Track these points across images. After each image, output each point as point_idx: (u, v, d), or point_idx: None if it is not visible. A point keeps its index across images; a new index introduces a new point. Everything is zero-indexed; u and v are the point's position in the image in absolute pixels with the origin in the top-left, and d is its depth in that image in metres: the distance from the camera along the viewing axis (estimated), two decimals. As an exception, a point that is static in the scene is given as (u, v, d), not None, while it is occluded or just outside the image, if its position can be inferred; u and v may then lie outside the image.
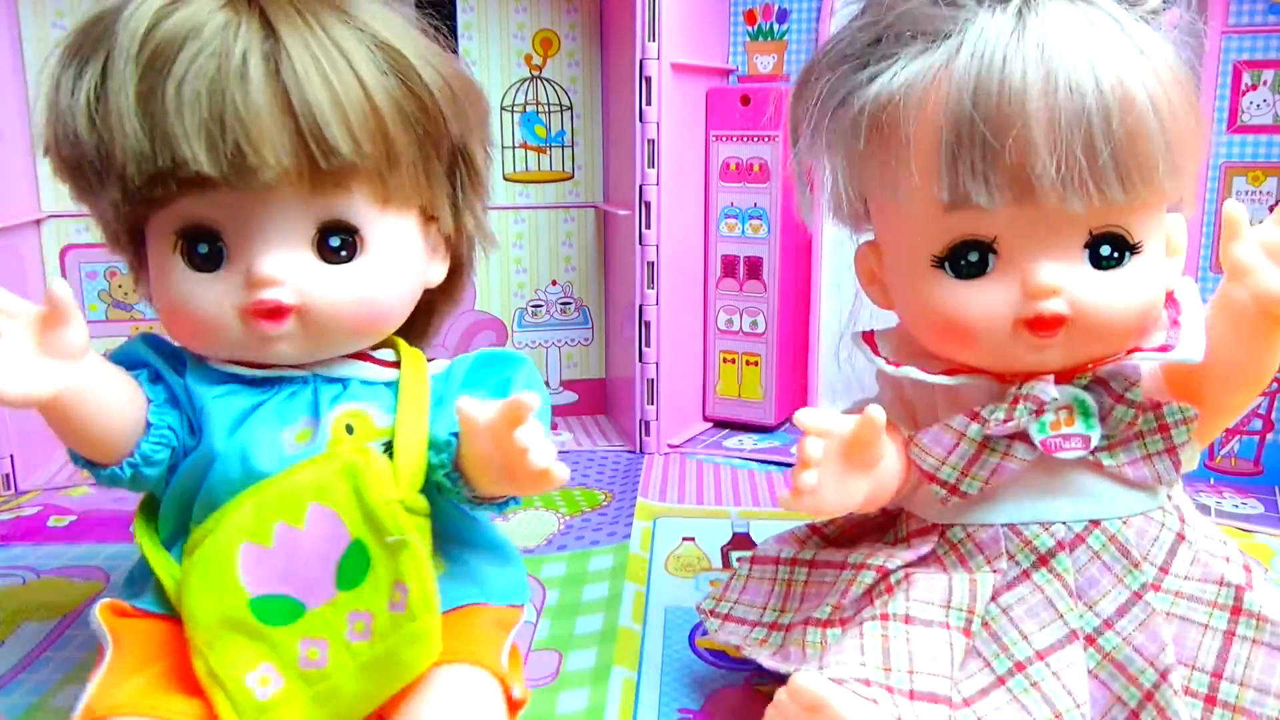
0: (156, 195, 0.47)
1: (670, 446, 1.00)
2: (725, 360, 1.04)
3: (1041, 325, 0.48)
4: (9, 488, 0.88)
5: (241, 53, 0.46)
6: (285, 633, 0.47)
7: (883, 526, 0.58)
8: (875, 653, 0.48)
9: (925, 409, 0.54)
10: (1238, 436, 0.89)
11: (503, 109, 1.04)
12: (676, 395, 1.00)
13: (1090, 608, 0.50)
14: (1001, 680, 0.49)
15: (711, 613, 0.59)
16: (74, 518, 0.83)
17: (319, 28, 0.48)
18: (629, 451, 1.00)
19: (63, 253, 0.95)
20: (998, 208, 0.47)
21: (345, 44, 0.48)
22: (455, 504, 0.55)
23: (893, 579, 0.52)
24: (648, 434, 0.99)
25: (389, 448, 0.51)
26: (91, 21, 0.48)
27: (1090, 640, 0.49)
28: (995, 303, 0.49)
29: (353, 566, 0.48)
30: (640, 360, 0.98)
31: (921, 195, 0.48)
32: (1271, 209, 0.84)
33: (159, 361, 0.52)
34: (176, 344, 0.54)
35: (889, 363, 0.53)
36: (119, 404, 0.49)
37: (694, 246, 1.02)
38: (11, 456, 0.88)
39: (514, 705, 0.50)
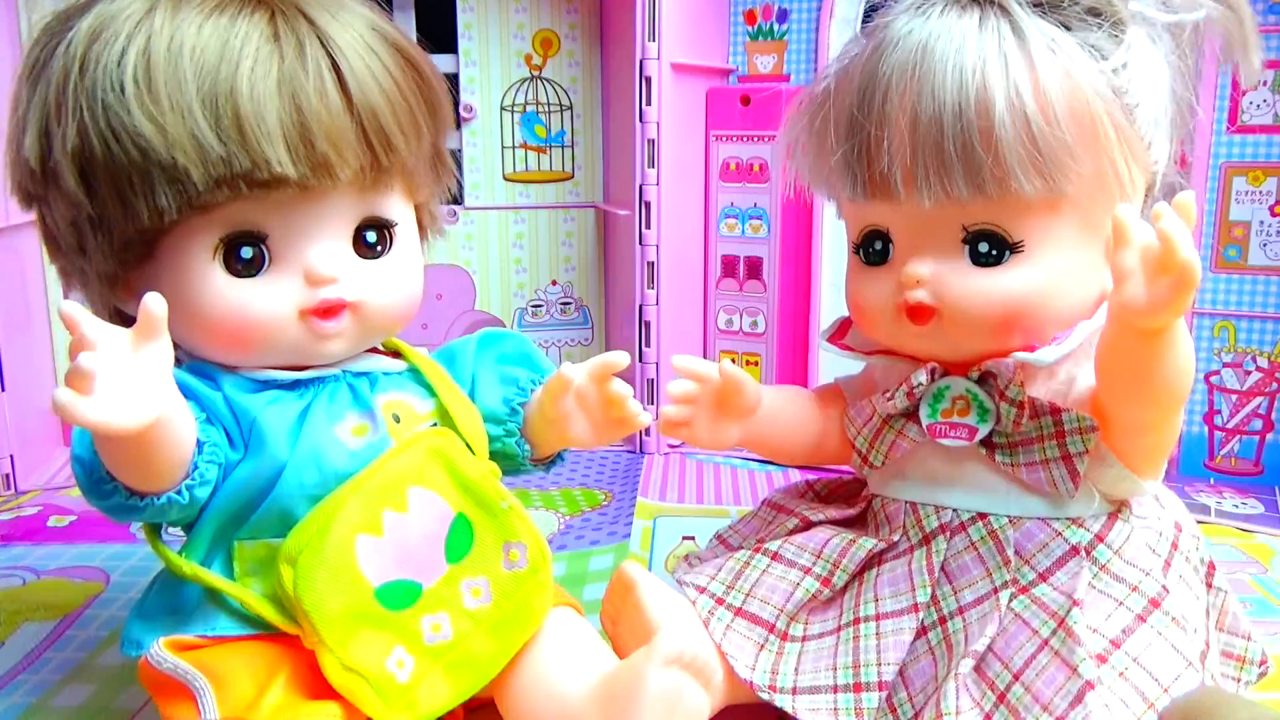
0: (218, 199, 0.46)
1: (670, 446, 1.00)
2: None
3: (912, 313, 0.51)
4: (9, 488, 0.88)
5: (310, 56, 0.46)
6: (407, 614, 0.49)
7: (856, 491, 0.61)
8: (729, 573, 0.55)
9: (884, 388, 0.57)
10: (1238, 436, 0.89)
11: (503, 109, 1.04)
12: (676, 395, 1.00)
13: (955, 593, 0.51)
14: (839, 629, 0.52)
15: (719, 539, 0.63)
16: (74, 518, 0.83)
17: (353, 29, 0.48)
18: (629, 451, 1.00)
19: (63, 253, 0.95)
20: (864, 202, 0.51)
21: (375, 45, 0.49)
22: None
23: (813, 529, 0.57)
24: (648, 434, 0.99)
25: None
26: (109, 12, 0.46)
27: (942, 621, 0.51)
28: (884, 289, 0.52)
29: (459, 539, 0.50)
30: (640, 360, 0.98)
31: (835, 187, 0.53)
32: (1272, 209, 0.84)
33: (185, 376, 0.49)
34: (205, 356, 0.51)
35: (829, 340, 0.59)
36: (190, 420, 0.46)
37: (694, 246, 1.02)
38: (11, 456, 0.88)
39: None
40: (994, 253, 0.50)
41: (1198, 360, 0.88)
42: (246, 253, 0.48)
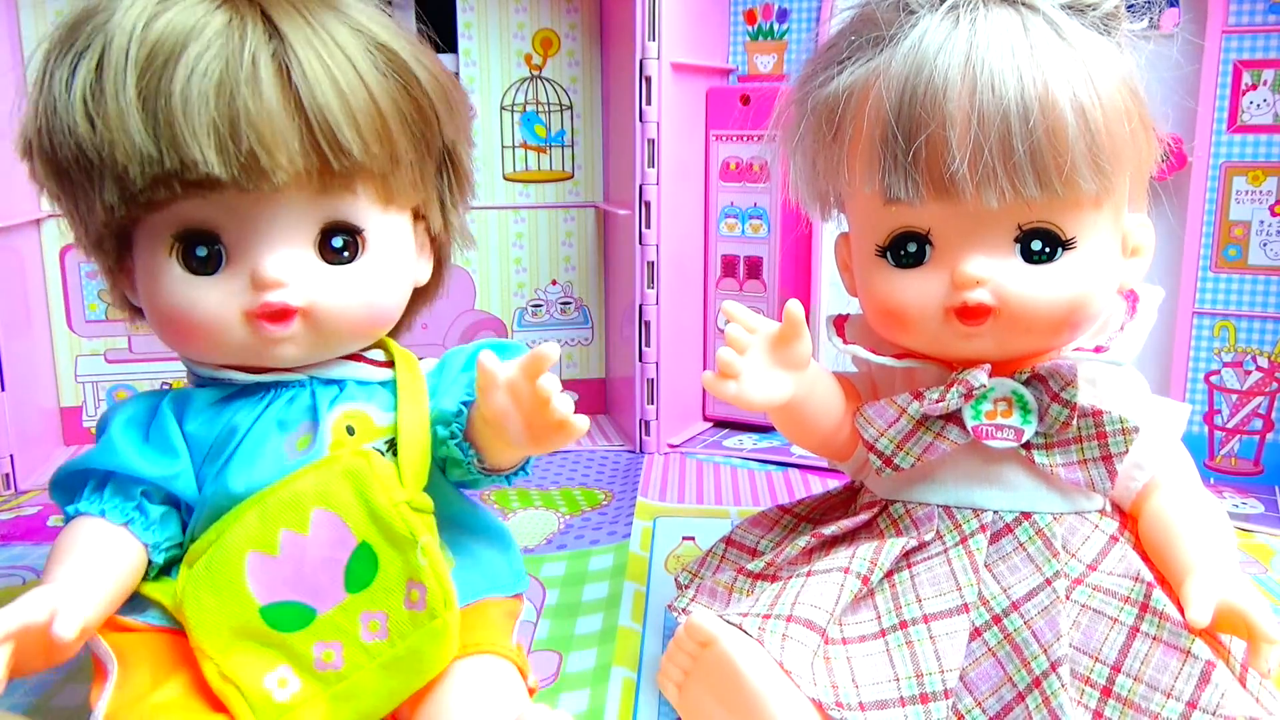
0: (158, 197, 0.46)
1: (670, 446, 1.00)
2: (725, 360, 1.04)
3: (967, 314, 0.51)
4: (9, 488, 0.88)
5: (250, 54, 0.45)
6: (298, 637, 0.47)
7: (846, 502, 0.61)
8: (770, 595, 0.52)
9: (886, 388, 0.57)
10: (1238, 436, 0.89)
11: (503, 109, 1.04)
12: (676, 395, 1.00)
13: (1004, 590, 0.51)
14: (883, 633, 0.51)
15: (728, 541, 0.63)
16: (74, 518, 0.83)
17: (321, 29, 0.47)
18: (629, 451, 1.00)
19: (63, 252, 0.95)
20: (921, 203, 0.49)
21: (347, 45, 0.48)
22: (458, 489, 0.56)
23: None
24: (648, 434, 0.99)
25: (390, 446, 0.51)
26: (81, 16, 0.47)
27: (997, 620, 0.51)
28: (928, 291, 0.52)
29: (361, 569, 0.48)
30: (640, 360, 0.98)
31: (863, 189, 0.52)
32: (1272, 209, 0.84)
33: (141, 453, 0.50)
34: (175, 350, 0.53)
35: (845, 342, 0.57)
36: (113, 595, 0.48)
37: (694, 246, 1.02)
38: (11, 456, 0.88)
39: (528, 693, 0.51)
40: (1047, 250, 0.50)
41: (1198, 360, 0.88)
42: (201, 251, 0.48)
